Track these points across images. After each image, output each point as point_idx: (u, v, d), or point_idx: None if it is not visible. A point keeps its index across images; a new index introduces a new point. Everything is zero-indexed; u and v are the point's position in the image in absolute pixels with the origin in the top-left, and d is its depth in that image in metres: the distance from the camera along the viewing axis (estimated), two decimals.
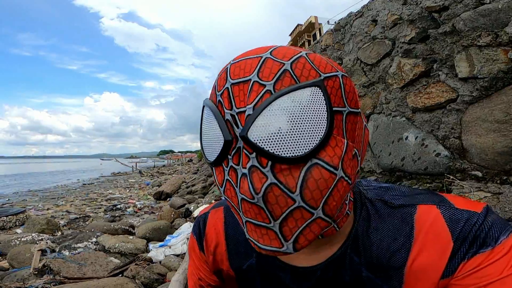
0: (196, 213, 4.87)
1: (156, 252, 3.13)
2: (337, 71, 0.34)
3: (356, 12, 2.83)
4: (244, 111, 0.31)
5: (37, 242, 3.64)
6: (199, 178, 10.23)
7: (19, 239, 3.92)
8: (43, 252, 3.15)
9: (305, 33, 31.93)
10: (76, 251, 3.39)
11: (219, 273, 0.55)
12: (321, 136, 0.30)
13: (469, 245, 0.36)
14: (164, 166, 37.11)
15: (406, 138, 2.19)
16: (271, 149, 0.30)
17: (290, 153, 0.30)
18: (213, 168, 0.37)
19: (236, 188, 0.33)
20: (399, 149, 2.25)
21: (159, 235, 3.91)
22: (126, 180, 18.39)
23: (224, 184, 0.35)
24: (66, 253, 3.31)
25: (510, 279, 0.33)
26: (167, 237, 3.56)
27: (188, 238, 3.33)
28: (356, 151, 0.35)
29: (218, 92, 0.34)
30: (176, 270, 2.44)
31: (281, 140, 0.30)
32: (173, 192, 9.13)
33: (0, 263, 3.36)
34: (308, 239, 0.33)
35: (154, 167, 35.10)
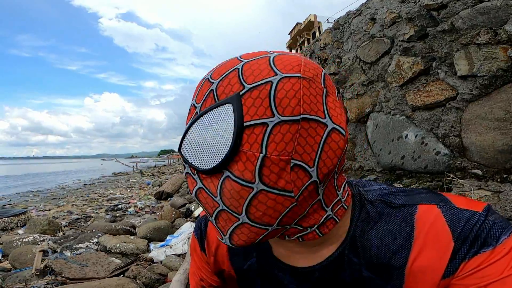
0: (197, 212, 4.88)
1: (157, 252, 3.13)
2: (275, 75, 0.33)
3: (355, 10, 2.82)
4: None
5: (39, 243, 3.65)
6: None
7: (21, 240, 3.92)
8: (44, 252, 3.15)
9: (305, 32, 31.87)
10: (78, 252, 3.40)
11: (221, 273, 0.56)
12: (225, 152, 0.33)
13: (470, 245, 0.36)
14: (164, 165, 37.11)
15: (406, 136, 2.19)
16: (193, 161, 0.36)
17: (204, 165, 0.35)
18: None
19: None
20: (399, 147, 2.25)
21: (160, 235, 3.91)
22: (127, 180, 18.41)
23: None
24: (68, 253, 3.31)
25: (510, 279, 0.33)
26: (168, 237, 3.57)
27: (189, 238, 3.33)
28: (299, 163, 0.33)
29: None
30: (177, 270, 2.44)
31: (198, 155, 0.35)
32: (174, 191, 9.13)
33: (2, 264, 3.37)
34: (241, 239, 0.36)
35: (155, 166, 35.12)
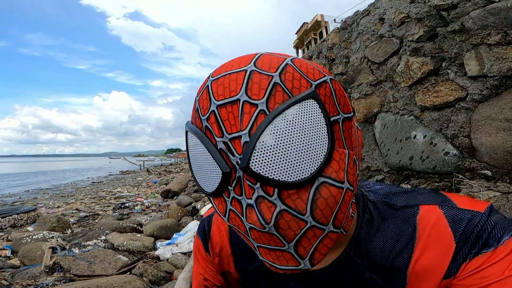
0: (203, 211, 4.90)
1: (164, 250, 3.16)
2: (325, 76, 0.33)
3: (363, 10, 2.80)
4: (238, 137, 0.29)
5: (48, 240, 3.71)
6: None
7: (30, 236, 3.99)
8: (53, 249, 3.20)
9: (311, 32, 31.72)
10: (86, 249, 3.44)
11: (225, 274, 0.56)
12: (324, 153, 0.29)
13: (471, 245, 0.36)
14: (171, 164, 37.34)
15: (415, 137, 2.17)
16: (276, 177, 0.28)
17: (295, 177, 0.28)
18: (212, 198, 0.35)
19: (242, 217, 0.31)
20: (407, 148, 2.23)
21: (166, 233, 3.94)
22: (134, 178, 18.58)
23: (227, 213, 0.33)
24: (76, 250, 3.36)
25: (511, 280, 0.33)
26: (174, 235, 3.60)
27: (194, 236, 3.36)
28: (355, 157, 0.35)
29: (203, 116, 0.31)
30: (183, 268, 2.46)
31: (284, 165, 0.28)
32: (180, 190, 9.18)
33: (11, 261, 3.43)
34: (322, 253, 0.33)
35: (162, 165, 35.35)
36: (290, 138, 0.28)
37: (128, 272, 2.68)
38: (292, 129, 0.28)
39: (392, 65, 2.40)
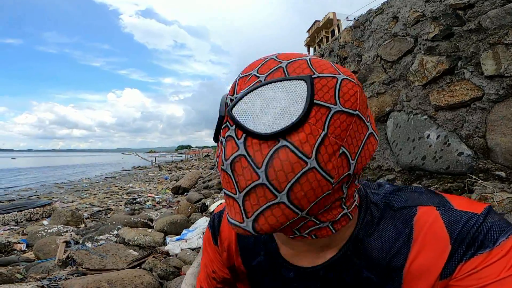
0: (212, 207, 4.94)
1: (173, 245, 3.20)
2: (339, 74, 0.36)
3: (376, 9, 2.76)
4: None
5: (62, 234, 3.80)
6: (216, 174, 10.33)
7: (46, 230, 4.11)
8: (67, 243, 3.28)
9: (323, 30, 31.36)
10: (98, 243, 3.52)
11: (232, 268, 0.57)
12: (293, 120, 0.32)
13: (467, 246, 0.36)
14: (182, 161, 37.69)
15: (428, 136, 2.13)
16: (246, 124, 0.33)
17: (261, 130, 0.32)
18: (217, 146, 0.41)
19: (220, 157, 0.36)
20: (420, 147, 2.19)
21: (176, 228, 3.99)
22: (146, 174, 18.85)
23: (217, 157, 0.38)
24: (89, 244, 3.44)
25: (507, 280, 0.33)
26: (184, 231, 3.64)
27: (203, 233, 3.39)
28: (346, 151, 0.35)
29: (231, 86, 0.40)
30: (191, 264, 2.48)
31: (257, 118, 0.33)
32: (190, 186, 9.27)
33: (26, 254, 3.53)
34: (268, 222, 0.33)
35: (172, 161, 35.72)
36: (269, 101, 0.33)
37: (138, 267, 2.73)
38: (272, 94, 0.34)
39: (405, 64, 2.36)
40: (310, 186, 0.33)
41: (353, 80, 0.37)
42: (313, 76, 0.35)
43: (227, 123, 0.36)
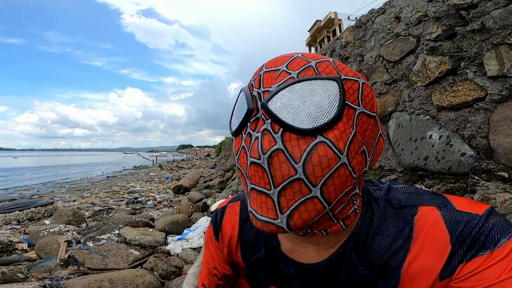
0: (213, 207, 4.94)
1: (174, 245, 3.20)
2: (359, 78, 0.38)
3: (378, 9, 2.75)
4: (269, 90, 0.36)
5: (64, 233, 3.81)
6: (217, 173, 10.33)
7: (47, 230, 4.11)
8: (69, 243, 3.29)
9: (325, 29, 31.29)
10: (100, 243, 3.52)
11: (233, 264, 0.58)
12: (329, 118, 0.33)
13: (468, 247, 0.36)
14: (183, 160, 37.71)
15: (430, 137, 2.13)
16: (285, 118, 0.33)
17: (300, 125, 0.33)
18: (234, 139, 0.41)
19: (248, 152, 0.36)
20: (422, 148, 2.19)
21: (177, 228, 3.99)
22: (147, 173, 18.87)
23: (239, 151, 0.38)
24: (91, 244, 3.44)
25: (509, 282, 0.33)
26: (185, 231, 3.64)
27: (205, 232, 3.39)
28: (365, 149, 0.38)
29: (253, 78, 0.40)
30: (192, 263, 2.48)
31: (294, 113, 0.33)
32: (191, 186, 9.28)
33: (28, 254, 3.54)
34: (302, 217, 0.34)
35: (174, 161, 35.74)
36: (307, 97, 0.34)
37: (140, 266, 2.73)
38: (310, 92, 0.34)
39: (408, 64, 2.35)
40: (340, 180, 0.34)
41: (369, 85, 0.40)
42: (341, 78, 0.36)
43: (261, 116, 0.35)
